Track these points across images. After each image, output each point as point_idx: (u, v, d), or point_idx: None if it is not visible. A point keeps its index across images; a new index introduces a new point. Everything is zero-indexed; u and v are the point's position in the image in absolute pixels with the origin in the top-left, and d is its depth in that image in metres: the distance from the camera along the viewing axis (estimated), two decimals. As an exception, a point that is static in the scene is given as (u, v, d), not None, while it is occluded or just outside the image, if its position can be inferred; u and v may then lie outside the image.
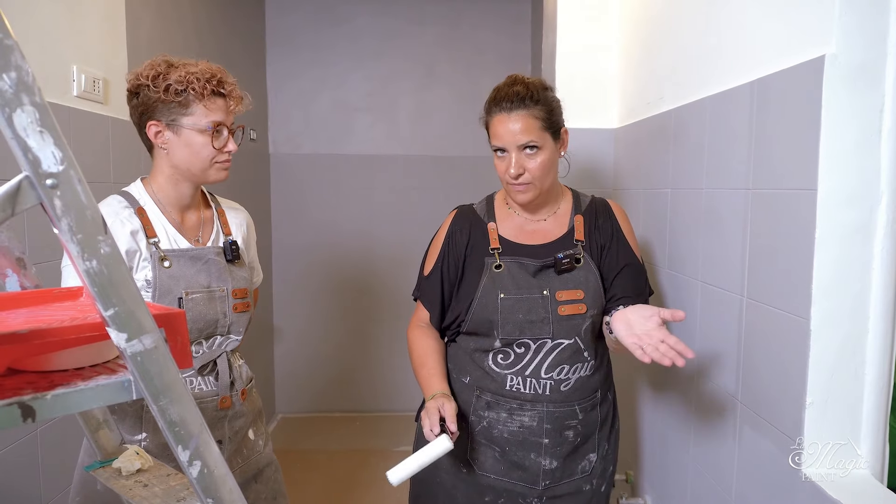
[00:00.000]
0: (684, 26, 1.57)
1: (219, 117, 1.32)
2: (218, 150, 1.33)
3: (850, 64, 0.98)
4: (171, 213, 1.38)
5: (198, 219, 1.43)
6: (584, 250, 1.42)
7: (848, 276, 1.02)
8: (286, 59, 3.72)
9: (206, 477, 0.66)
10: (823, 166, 1.00)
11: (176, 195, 1.38)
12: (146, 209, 1.34)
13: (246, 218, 1.56)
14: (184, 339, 0.68)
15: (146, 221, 1.32)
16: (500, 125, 1.37)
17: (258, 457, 1.49)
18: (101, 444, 0.91)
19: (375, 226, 3.82)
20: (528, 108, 1.35)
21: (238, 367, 1.44)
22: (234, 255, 1.41)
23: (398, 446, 3.33)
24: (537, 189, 1.39)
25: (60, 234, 0.55)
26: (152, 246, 1.31)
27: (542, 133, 1.36)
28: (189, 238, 1.38)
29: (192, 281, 1.33)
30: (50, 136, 0.53)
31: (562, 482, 1.42)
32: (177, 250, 1.34)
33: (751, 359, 1.25)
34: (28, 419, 0.56)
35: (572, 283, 1.38)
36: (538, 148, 1.36)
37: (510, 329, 1.37)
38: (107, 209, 1.31)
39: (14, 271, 0.78)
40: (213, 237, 1.43)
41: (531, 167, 1.36)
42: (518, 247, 1.43)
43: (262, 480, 1.50)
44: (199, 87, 1.28)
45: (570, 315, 1.37)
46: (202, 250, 1.37)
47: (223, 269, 1.38)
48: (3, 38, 0.50)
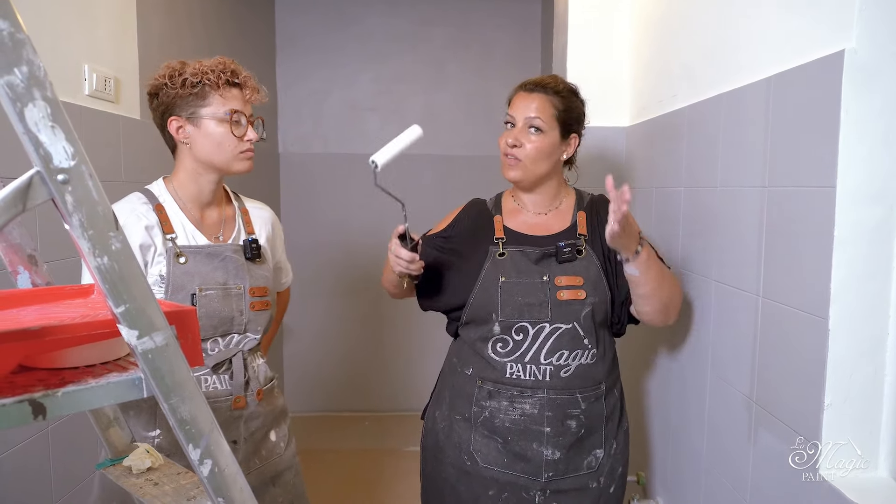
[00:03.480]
0: (698, 22, 1.55)
1: (236, 105, 1.34)
2: (238, 138, 1.34)
3: (870, 59, 0.96)
4: (190, 211, 1.39)
5: (219, 216, 1.44)
6: (586, 244, 1.44)
7: (867, 274, 1.00)
8: (296, 59, 3.73)
9: (216, 476, 0.66)
10: (842, 163, 0.98)
11: (196, 191, 1.39)
12: (165, 206, 1.35)
13: (271, 217, 1.57)
14: (195, 337, 0.67)
15: (164, 218, 1.33)
16: (518, 100, 1.47)
17: (278, 459, 1.47)
18: (112, 442, 0.90)
19: (385, 225, 3.78)
20: (548, 95, 1.44)
21: (255, 367, 1.43)
22: (254, 254, 1.41)
23: (408, 446, 3.32)
24: (526, 170, 1.44)
25: (72, 230, 0.55)
26: (169, 242, 1.32)
27: (552, 121, 1.43)
28: (208, 235, 1.39)
29: (207, 277, 1.33)
30: (61, 131, 0.52)
31: (566, 476, 1.42)
32: (193, 246, 1.34)
33: (766, 359, 1.23)
34: (39, 416, 0.56)
35: (572, 271, 1.41)
36: (542, 132, 1.42)
37: (509, 311, 1.39)
38: (125, 205, 1.33)
39: (26, 268, 0.78)
40: (234, 235, 1.44)
41: (527, 145, 1.42)
42: (522, 237, 1.47)
43: (281, 484, 1.48)
44: (214, 77, 1.32)
45: (568, 300, 1.38)
46: (219, 247, 1.38)
47: (241, 266, 1.38)
48: (14, 32, 0.49)
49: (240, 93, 1.35)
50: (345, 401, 3.90)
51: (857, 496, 0.97)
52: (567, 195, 1.54)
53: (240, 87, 1.35)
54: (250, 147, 1.37)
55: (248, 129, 1.36)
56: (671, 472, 1.76)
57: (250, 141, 1.36)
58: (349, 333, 3.87)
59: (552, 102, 1.43)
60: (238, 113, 1.34)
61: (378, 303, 3.84)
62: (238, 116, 1.34)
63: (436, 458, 1.52)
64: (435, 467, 1.52)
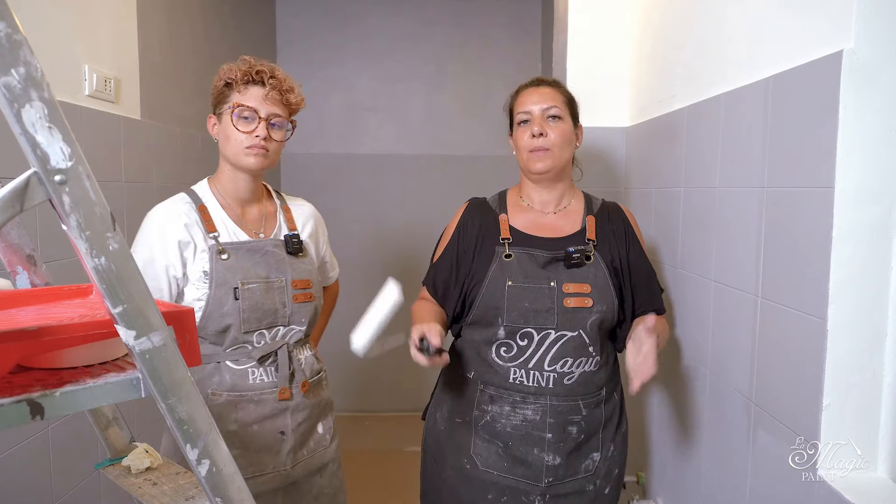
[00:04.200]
0: (697, 23, 1.55)
1: (251, 103, 1.36)
2: (243, 132, 1.36)
3: (868, 59, 0.96)
4: (232, 208, 1.44)
5: (259, 213, 1.48)
6: (595, 249, 1.43)
7: (866, 275, 1.00)
8: (297, 59, 3.73)
9: (214, 475, 0.66)
10: (841, 164, 0.98)
11: (233, 188, 1.44)
12: (207, 206, 1.41)
13: (313, 213, 1.62)
14: (192, 337, 0.67)
15: (207, 217, 1.39)
16: (528, 96, 1.48)
17: (324, 451, 1.51)
18: (111, 442, 0.91)
19: (386, 225, 3.81)
20: (553, 88, 1.50)
21: (302, 359, 1.45)
22: (296, 248, 1.45)
23: (408, 446, 3.33)
24: (555, 157, 1.44)
25: (69, 230, 0.55)
26: (211, 239, 1.36)
27: (565, 108, 1.47)
28: (249, 232, 1.43)
29: (249, 272, 1.37)
30: (59, 131, 0.52)
31: (565, 480, 1.41)
32: (235, 243, 1.39)
33: (765, 360, 1.23)
34: (37, 416, 0.56)
35: (580, 277, 1.39)
36: (560, 119, 1.45)
37: (515, 317, 1.38)
38: (166, 204, 1.39)
39: (24, 268, 0.78)
40: (275, 231, 1.48)
41: (552, 134, 1.43)
42: (529, 238, 1.46)
43: (326, 476, 1.52)
44: (239, 76, 1.36)
45: (575, 308, 1.37)
46: (260, 242, 1.42)
47: (282, 260, 1.42)
48: (11, 34, 0.50)
49: (259, 90, 1.37)
50: (345, 401, 3.90)
51: (855, 497, 0.97)
52: (575, 196, 1.53)
53: (262, 85, 1.37)
54: (257, 143, 1.37)
55: (258, 125, 1.36)
56: (671, 472, 1.76)
57: (258, 137, 1.36)
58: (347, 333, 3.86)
59: (560, 92, 1.49)
60: (245, 108, 1.36)
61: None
62: (244, 111, 1.36)
63: (436, 460, 1.52)
64: (435, 469, 1.52)
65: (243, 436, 1.37)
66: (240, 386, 1.37)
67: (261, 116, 1.36)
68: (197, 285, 1.35)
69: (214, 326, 1.35)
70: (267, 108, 1.37)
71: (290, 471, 1.42)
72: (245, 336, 1.36)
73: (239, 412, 1.37)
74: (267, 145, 1.38)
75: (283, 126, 1.41)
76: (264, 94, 1.37)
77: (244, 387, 1.37)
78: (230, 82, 1.37)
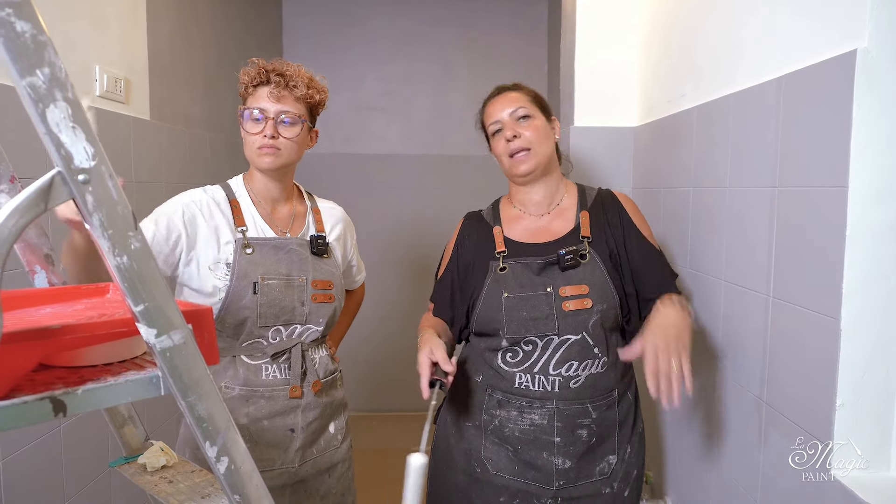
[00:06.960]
0: (707, 22, 1.55)
1: (260, 104, 1.38)
2: (252, 134, 1.38)
3: (882, 59, 0.96)
4: (263, 206, 1.46)
5: (289, 212, 1.50)
6: (590, 246, 1.41)
7: (879, 274, 1.00)
8: (303, 59, 3.68)
9: (233, 473, 0.66)
10: (854, 163, 0.98)
11: (262, 187, 1.46)
12: (240, 200, 1.44)
13: (342, 216, 1.62)
14: (211, 336, 0.68)
15: (237, 212, 1.41)
16: (493, 106, 1.51)
17: (334, 451, 1.51)
18: (127, 441, 0.91)
19: (391, 225, 3.82)
20: (516, 90, 1.51)
21: (315, 358, 1.46)
22: (320, 249, 1.46)
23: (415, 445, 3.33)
24: (536, 156, 1.44)
25: (92, 229, 0.55)
26: (239, 233, 1.38)
27: (533, 106, 1.48)
28: (276, 230, 1.45)
29: (270, 268, 1.38)
30: (82, 131, 0.53)
31: (578, 483, 1.40)
32: (261, 238, 1.41)
33: (777, 359, 1.23)
34: (59, 413, 0.56)
35: (577, 279, 1.38)
36: (530, 117, 1.46)
37: (515, 327, 1.37)
38: (199, 190, 1.42)
39: (42, 268, 0.78)
40: (302, 231, 1.49)
41: (526, 132, 1.44)
42: (523, 247, 1.45)
43: (335, 475, 1.52)
44: (248, 80, 1.39)
45: (575, 310, 1.36)
46: (285, 240, 1.43)
47: (305, 259, 1.44)
48: (37, 34, 0.50)
49: (266, 90, 1.38)
50: (356, 400, 3.90)
51: (869, 496, 0.97)
52: (567, 190, 1.52)
53: (268, 85, 1.38)
54: (266, 143, 1.37)
55: (265, 125, 1.37)
56: (681, 472, 1.76)
57: (266, 136, 1.36)
58: (352, 333, 3.86)
59: (524, 93, 1.50)
60: (252, 109, 1.37)
61: (383, 301, 3.84)
62: (253, 113, 1.37)
63: (445, 464, 1.51)
64: (445, 473, 1.51)
65: (253, 430, 1.38)
66: (252, 381, 1.38)
67: (268, 116, 1.37)
68: (217, 274, 1.36)
69: (232, 319, 1.36)
70: (275, 107, 1.37)
71: (297, 469, 1.42)
72: (261, 331, 1.38)
73: (250, 406, 1.38)
74: (277, 144, 1.37)
75: (296, 122, 1.40)
76: (269, 92, 1.38)
77: (257, 382, 1.38)
78: (244, 86, 1.39)
